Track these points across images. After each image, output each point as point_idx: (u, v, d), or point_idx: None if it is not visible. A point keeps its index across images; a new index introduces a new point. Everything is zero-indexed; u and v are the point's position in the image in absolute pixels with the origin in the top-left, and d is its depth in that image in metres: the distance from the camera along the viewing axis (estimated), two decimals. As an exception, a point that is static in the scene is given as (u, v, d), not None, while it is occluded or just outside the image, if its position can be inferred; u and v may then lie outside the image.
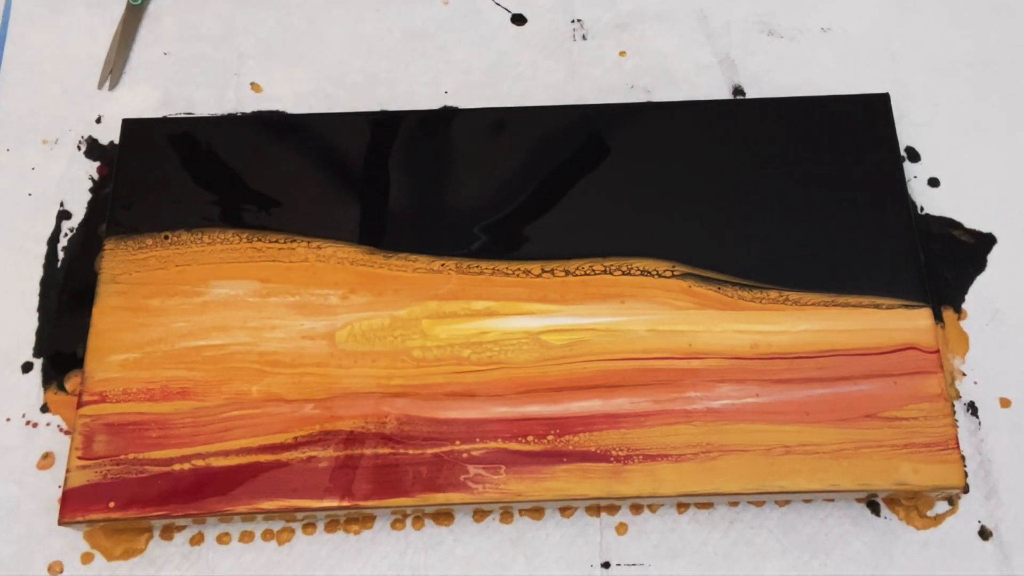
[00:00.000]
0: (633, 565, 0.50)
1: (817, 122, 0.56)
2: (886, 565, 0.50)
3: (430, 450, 0.49)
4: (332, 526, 0.51)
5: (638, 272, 0.53)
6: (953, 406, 0.53)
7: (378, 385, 0.50)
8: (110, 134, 0.60)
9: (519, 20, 0.64)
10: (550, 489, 0.48)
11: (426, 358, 0.51)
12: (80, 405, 0.50)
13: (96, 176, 0.59)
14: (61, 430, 0.53)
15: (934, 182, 0.59)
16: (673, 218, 0.54)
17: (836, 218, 0.54)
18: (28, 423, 0.53)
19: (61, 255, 0.57)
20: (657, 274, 0.53)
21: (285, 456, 0.49)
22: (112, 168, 0.58)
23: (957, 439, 0.49)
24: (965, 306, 0.55)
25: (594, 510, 0.51)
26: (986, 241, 0.57)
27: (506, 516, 0.51)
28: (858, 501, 0.51)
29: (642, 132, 0.57)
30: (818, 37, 0.63)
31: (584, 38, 0.63)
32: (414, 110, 0.59)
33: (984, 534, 0.51)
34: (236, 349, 0.51)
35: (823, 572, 0.50)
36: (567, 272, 0.53)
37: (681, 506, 0.51)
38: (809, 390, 0.50)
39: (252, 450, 0.49)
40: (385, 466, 0.48)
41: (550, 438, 0.49)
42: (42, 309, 0.56)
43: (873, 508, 0.51)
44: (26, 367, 0.54)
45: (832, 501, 0.51)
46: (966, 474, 0.51)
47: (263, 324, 0.51)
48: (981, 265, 0.57)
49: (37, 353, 0.54)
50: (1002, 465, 0.52)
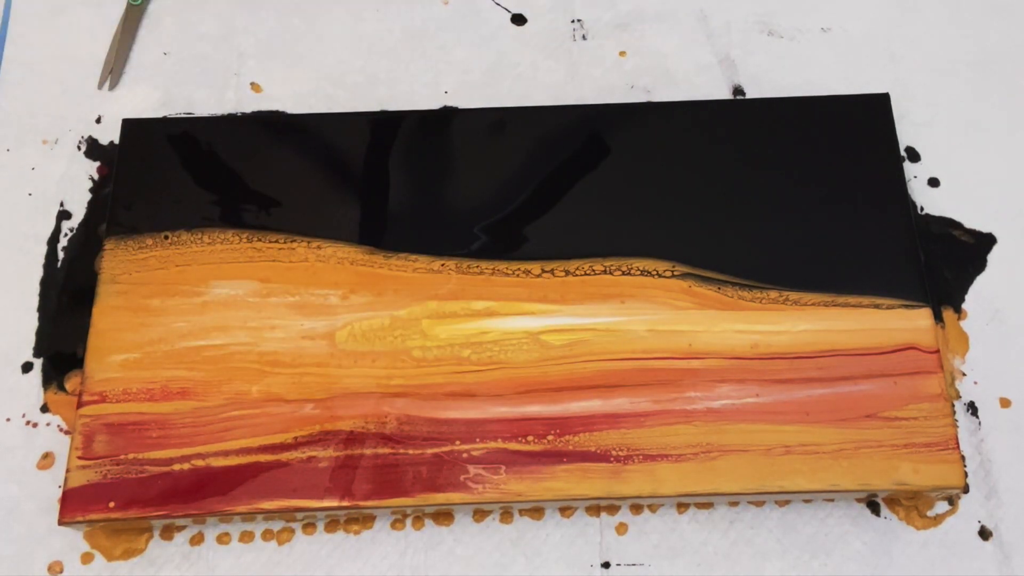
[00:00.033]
0: (633, 565, 0.50)
1: (817, 122, 0.56)
2: (886, 565, 0.50)
3: (430, 450, 0.49)
4: (332, 526, 0.51)
5: (638, 272, 0.53)
6: (953, 406, 0.53)
7: (378, 385, 0.50)
8: (110, 134, 0.60)
9: (519, 20, 0.64)
10: (550, 489, 0.48)
11: (426, 358, 0.51)
12: (80, 405, 0.50)
13: (96, 176, 0.59)
14: (61, 430, 0.53)
15: (934, 182, 0.59)
16: (673, 218, 0.54)
17: (836, 218, 0.54)
18: (28, 423, 0.53)
19: (61, 255, 0.57)
20: (657, 274, 0.53)
21: (285, 456, 0.49)
22: (112, 168, 0.58)
23: (957, 439, 0.49)
24: (965, 306, 0.55)
25: (594, 510, 0.51)
26: (986, 241, 0.57)
27: (506, 516, 0.51)
28: (858, 501, 0.51)
29: (642, 132, 0.56)
30: (818, 37, 0.63)
31: (584, 38, 0.63)
32: (414, 110, 0.59)
33: (984, 534, 0.51)
34: (236, 349, 0.51)
35: (823, 572, 0.50)
36: (567, 272, 0.53)
37: (681, 506, 0.51)
38: (809, 390, 0.50)
39: (252, 450, 0.49)
40: (385, 466, 0.48)
41: (550, 438, 0.49)
42: (42, 309, 0.56)
43: (873, 508, 0.51)
44: (26, 367, 0.54)
45: (832, 501, 0.51)
46: (966, 474, 0.51)
47: (263, 324, 0.51)
48: (981, 265, 0.57)
49: (37, 353, 0.55)
50: (1002, 465, 0.52)
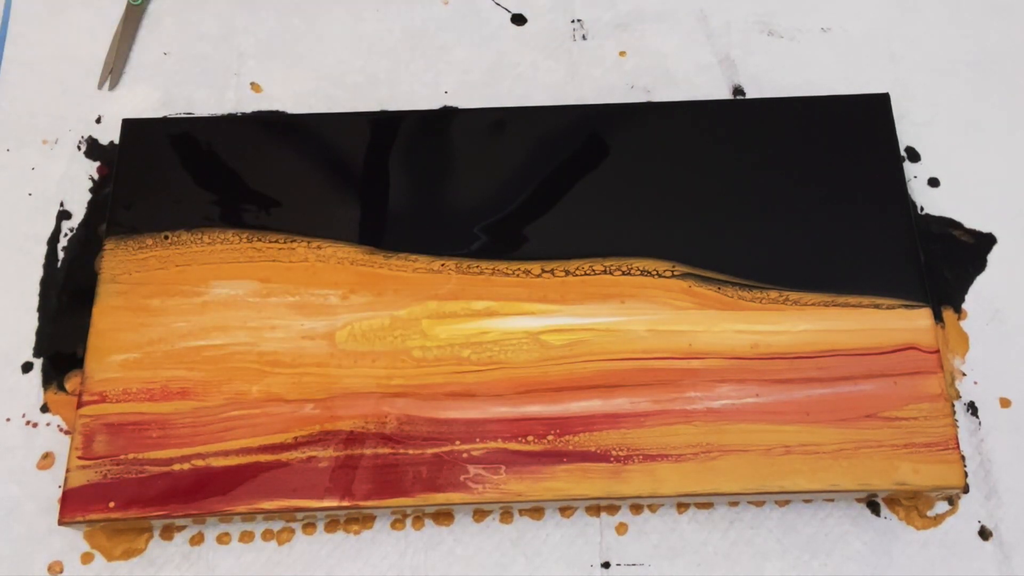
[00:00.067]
0: (633, 565, 0.50)
1: (817, 122, 0.56)
2: (886, 565, 0.50)
3: (430, 450, 0.49)
4: (332, 526, 0.51)
5: (638, 272, 0.53)
6: (953, 406, 0.53)
7: (378, 385, 0.50)
8: (110, 134, 0.60)
9: (519, 20, 0.64)
10: (550, 489, 0.48)
11: (426, 358, 0.51)
12: (80, 405, 0.50)
13: (96, 176, 0.59)
14: (61, 430, 0.53)
15: (934, 182, 0.59)
16: (673, 218, 0.54)
17: (836, 218, 0.54)
18: (28, 423, 0.53)
19: (61, 255, 0.57)
20: (657, 274, 0.53)
21: (285, 456, 0.49)
22: (112, 168, 0.58)
23: (957, 439, 0.49)
24: (965, 306, 0.55)
25: (594, 510, 0.51)
26: (986, 241, 0.57)
27: (506, 516, 0.51)
28: (858, 501, 0.51)
29: (642, 132, 0.56)
30: (818, 37, 0.63)
31: (584, 38, 0.63)
32: (414, 110, 0.59)
33: (984, 534, 0.51)
34: (236, 349, 0.51)
35: (823, 572, 0.50)
36: (567, 272, 0.53)
37: (681, 506, 0.51)
38: (809, 390, 0.50)
39: (252, 450, 0.49)
40: (385, 466, 0.48)
41: (550, 438, 0.49)
42: (42, 309, 0.56)
43: (873, 508, 0.51)
44: (26, 367, 0.54)
45: (832, 501, 0.51)
46: (966, 474, 0.51)
47: (263, 324, 0.51)
48: (981, 265, 0.57)
49: (37, 353, 0.54)
50: (1002, 465, 0.52)
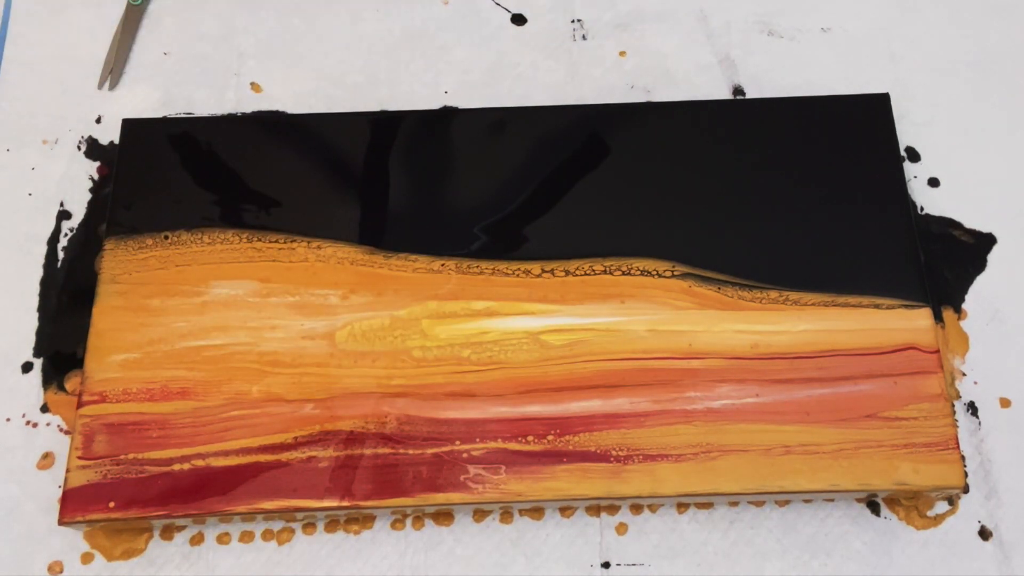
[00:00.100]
0: (633, 565, 0.50)
1: (817, 122, 0.56)
2: (886, 565, 0.50)
3: (430, 450, 0.49)
4: (332, 526, 0.51)
5: (638, 272, 0.53)
6: (953, 406, 0.53)
7: (378, 385, 0.50)
8: (110, 134, 0.60)
9: (519, 20, 0.64)
10: (550, 489, 0.48)
11: (426, 358, 0.51)
12: (80, 405, 0.50)
13: (96, 176, 0.59)
14: (61, 430, 0.53)
15: (934, 182, 0.59)
16: (673, 218, 0.54)
17: (836, 218, 0.54)
18: (28, 423, 0.53)
19: (61, 255, 0.57)
20: (657, 274, 0.53)
21: (285, 456, 0.49)
22: (112, 168, 0.58)
23: (957, 439, 0.49)
24: (965, 306, 0.55)
25: (594, 510, 0.51)
26: (986, 241, 0.57)
27: (506, 516, 0.51)
28: (858, 501, 0.51)
29: (642, 132, 0.56)
30: (818, 37, 0.63)
31: (584, 38, 0.63)
32: (414, 110, 0.59)
33: (984, 534, 0.51)
34: (236, 349, 0.51)
35: (823, 572, 0.50)
36: (567, 272, 0.53)
37: (681, 506, 0.51)
38: (809, 390, 0.50)
39: (252, 450, 0.49)
40: (385, 466, 0.48)
41: (550, 438, 0.49)
42: (42, 309, 0.56)
43: (873, 508, 0.51)
44: (26, 367, 0.54)
45: (832, 501, 0.51)
46: (966, 474, 0.51)
47: (263, 324, 0.51)
48: (981, 265, 0.57)
49: (37, 353, 0.54)
50: (1002, 465, 0.52)
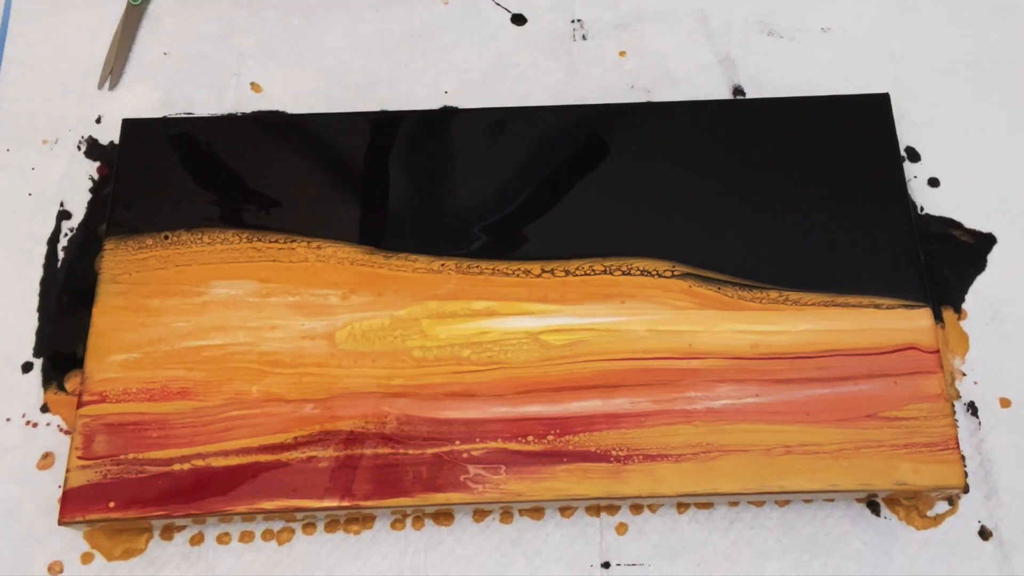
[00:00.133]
0: (633, 565, 0.50)
1: (817, 122, 0.56)
2: (886, 565, 0.50)
3: (430, 450, 0.49)
4: (332, 526, 0.51)
5: (638, 272, 0.53)
6: (953, 406, 0.53)
7: (378, 385, 0.50)
8: (110, 134, 0.60)
9: (519, 20, 0.64)
10: (550, 489, 0.48)
11: (426, 358, 0.51)
12: (80, 405, 0.50)
13: (96, 176, 0.59)
14: (61, 430, 0.53)
15: (934, 182, 0.59)
16: (673, 218, 0.54)
17: (836, 218, 0.54)
18: (28, 423, 0.53)
19: (61, 255, 0.57)
20: (657, 274, 0.53)
21: (285, 456, 0.49)
22: (112, 168, 0.58)
23: (957, 439, 0.49)
24: (965, 306, 0.55)
25: (594, 510, 0.51)
26: (986, 241, 0.57)
27: (506, 516, 0.51)
28: (858, 501, 0.51)
29: (642, 132, 0.56)
30: (818, 37, 0.63)
31: (584, 38, 0.63)
32: (414, 110, 0.59)
33: (984, 534, 0.51)
34: (236, 349, 0.51)
35: (823, 572, 0.50)
36: (567, 272, 0.53)
37: (681, 506, 0.51)
38: (809, 390, 0.50)
39: (252, 450, 0.49)
40: (385, 466, 0.48)
41: (550, 438, 0.49)
42: (42, 309, 0.56)
43: (873, 508, 0.51)
44: (26, 367, 0.54)
45: (832, 501, 0.51)
46: (966, 474, 0.51)
47: (263, 324, 0.51)
48: (981, 265, 0.57)
49: (37, 353, 0.54)
50: (1002, 465, 0.52)
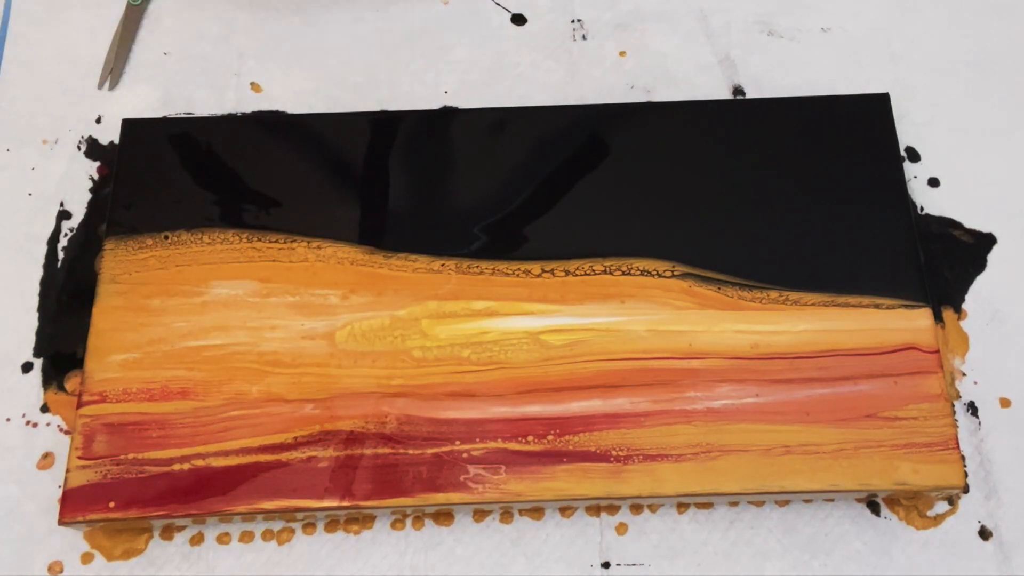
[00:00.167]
0: (633, 565, 0.50)
1: (817, 122, 0.56)
2: (886, 565, 0.50)
3: (430, 450, 0.49)
4: (332, 526, 0.51)
5: (638, 272, 0.53)
6: (953, 406, 0.53)
7: (378, 385, 0.50)
8: (110, 134, 0.60)
9: (519, 20, 0.64)
10: (550, 489, 0.48)
11: (426, 358, 0.51)
12: (80, 405, 0.50)
13: (96, 176, 0.59)
14: (61, 430, 0.53)
15: (934, 182, 0.59)
16: (673, 218, 0.54)
17: (836, 218, 0.54)
18: (28, 423, 0.53)
19: (61, 255, 0.57)
20: (657, 274, 0.53)
21: (285, 456, 0.49)
22: (112, 168, 0.58)
23: (957, 439, 0.48)
24: (965, 306, 0.55)
25: (594, 510, 0.51)
26: (986, 241, 0.57)
27: (506, 516, 0.51)
28: (858, 501, 0.51)
29: (642, 132, 0.56)
30: (818, 37, 0.63)
31: (584, 38, 0.63)
32: (414, 110, 0.59)
33: (984, 534, 0.51)
34: (236, 349, 0.51)
35: (823, 572, 0.50)
36: (567, 272, 0.53)
37: (681, 506, 0.51)
38: (809, 390, 0.50)
39: (252, 450, 0.49)
40: (385, 466, 0.48)
41: (550, 438, 0.49)
42: (42, 309, 0.56)
43: (873, 508, 0.51)
44: (26, 367, 0.54)
45: (832, 501, 0.51)
46: (966, 474, 0.51)
47: (263, 324, 0.51)
48: (981, 265, 0.57)
49: (37, 353, 0.54)
50: (1002, 465, 0.52)
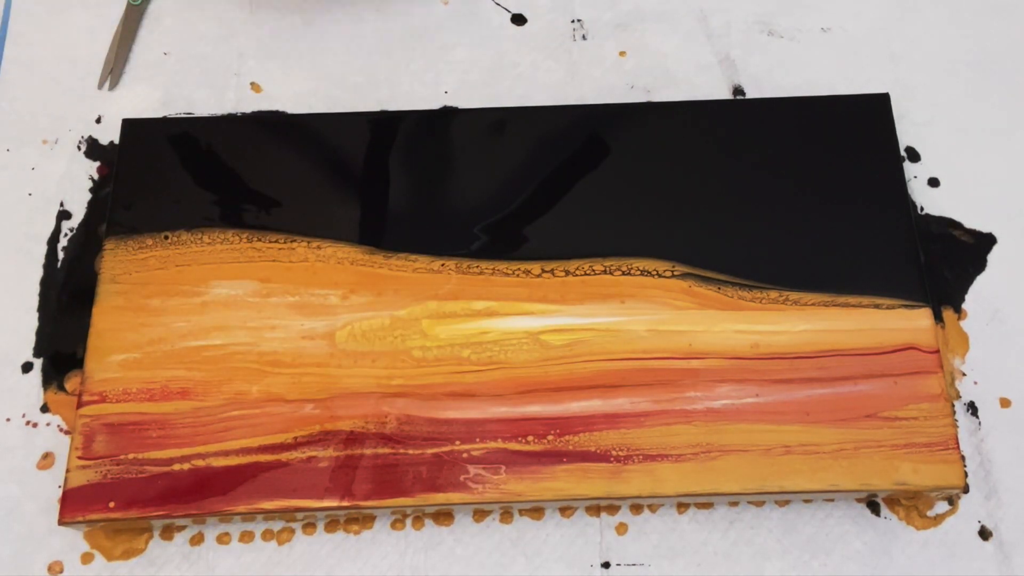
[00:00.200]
0: (633, 565, 0.50)
1: (817, 122, 0.56)
2: (886, 565, 0.50)
3: (430, 450, 0.49)
4: (332, 526, 0.51)
5: (638, 272, 0.53)
6: (953, 406, 0.53)
7: (378, 385, 0.50)
8: (110, 134, 0.60)
9: (519, 20, 0.64)
10: (550, 489, 0.48)
11: (426, 358, 0.51)
12: (80, 405, 0.50)
13: (96, 176, 0.59)
14: (61, 430, 0.53)
15: (934, 182, 0.59)
16: (673, 218, 0.54)
17: (836, 218, 0.54)
18: (28, 423, 0.53)
19: (61, 255, 0.57)
20: (657, 274, 0.53)
21: (285, 456, 0.49)
22: (112, 168, 0.58)
23: (957, 439, 0.48)
24: (965, 306, 0.55)
25: (594, 510, 0.51)
26: (986, 241, 0.57)
27: (506, 516, 0.51)
28: (858, 501, 0.51)
29: (642, 132, 0.56)
30: (818, 37, 0.63)
31: (584, 38, 0.63)
32: (414, 110, 0.59)
33: (984, 534, 0.51)
34: (236, 349, 0.51)
35: (823, 572, 0.50)
36: (567, 272, 0.53)
37: (681, 506, 0.51)
38: (809, 390, 0.50)
39: (252, 450, 0.49)
40: (385, 466, 0.48)
41: (550, 438, 0.49)
42: (42, 309, 0.56)
43: (873, 508, 0.51)
44: (26, 367, 0.54)
45: (832, 501, 0.51)
46: (966, 474, 0.51)
47: (263, 324, 0.51)
48: (981, 265, 0.57)
49: (37, 353, 0.54)
50: (1002, 465, 0.52)
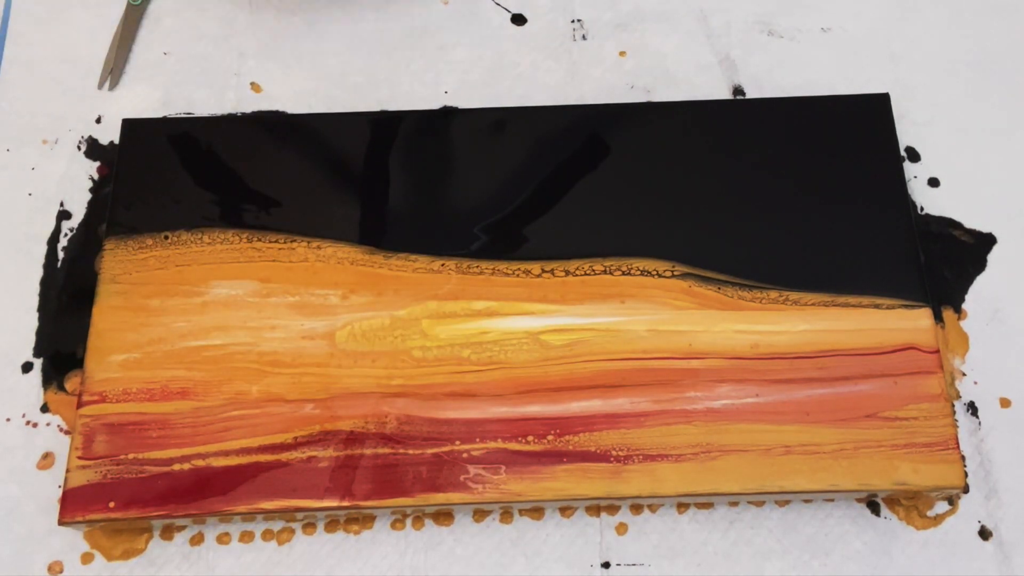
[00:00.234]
0: (633, 565, 0.50)
1: (817, 122, 0.56)
2: (886, 565, 0.50)
3: (430, 450, 0.49)
4: (332, 526, 0.51)
5: (638, 272, 0.53)
6: (953, 406, 0.53)
7: (378, 385, 0.50)
8: (110, 134, 0.60)
9: (519, 20, 0.64)
10: (550, 489, 0.48)
11: (426, 358, 0.51)
12: (80, 405, 0.50)
13: (96, 176, 0.59)
14: (61, 430, 0.53)
15: (934, 182, 0.59)
16: (673, 218, 0.54)
17: (836, 218, 0.54)
18: (28, 423, 0.53)
19: (61, 255, 0.57)
20: (657, 274, 0.53)
21: (285, 456, 0.49)
22: (112, 168, 0.58)
23: (957, 439, 0.49)
24: (965, 306, 0.55)
25: (594, 510, 0.51)
26: (986, 241, 0.57)
27: (506, 516, 0.51)
28: (858, 501, 0.51)
29: (642, 132, 0.56)
30: (818, 37, 0.63)
31: (584, 38, 0.63)
32: (414, 110, 0.59)
33: (984, 534, 0.51)
34: (236, 349, 0.51)
35: (823, 572, 0.50)
36: (567, 272, 0.53)
37: (681, 506, 0.51)
38: (809, 390, 0.50)
39: (252, 450, 0.49)
40: (385, 466, 0.48)
41: (550, 438, 0.49)
42: (42, 309, 0.56)
43: (873, 508, 0.51)
44: (26, 367, 0.54)
45: (832, 501, 0.51)
46: (966, 474, 0.51)
47: (263, 324, 0.51)
48: (981, 265, 0.57)
49: (37, 353, 0.54)
50: (1002, 465, 0.52)
